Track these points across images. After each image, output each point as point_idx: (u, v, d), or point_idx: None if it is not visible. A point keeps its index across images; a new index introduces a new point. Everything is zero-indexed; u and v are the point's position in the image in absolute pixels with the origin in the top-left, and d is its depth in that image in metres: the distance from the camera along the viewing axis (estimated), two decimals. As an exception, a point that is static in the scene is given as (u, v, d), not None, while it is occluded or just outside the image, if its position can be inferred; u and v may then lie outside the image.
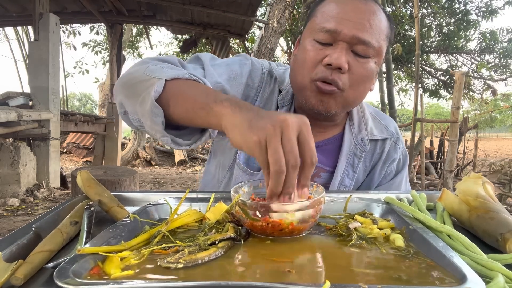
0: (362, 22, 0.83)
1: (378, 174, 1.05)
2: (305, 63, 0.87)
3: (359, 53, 0.84)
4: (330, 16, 0.85)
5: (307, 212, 0.60)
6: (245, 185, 0.72)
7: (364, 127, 1.03)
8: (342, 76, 0.84)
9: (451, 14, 9.37)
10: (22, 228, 0.61)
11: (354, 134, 1.02)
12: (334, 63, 0.82)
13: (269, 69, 1.02)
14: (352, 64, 0.84)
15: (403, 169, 1.09)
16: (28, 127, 4.73)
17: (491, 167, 4.70)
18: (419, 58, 4.76)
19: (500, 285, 0.43)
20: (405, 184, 1.10)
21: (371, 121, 1.06)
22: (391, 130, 1.07)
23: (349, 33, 0.82)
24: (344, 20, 0.83)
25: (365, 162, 1.04)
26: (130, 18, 7.52)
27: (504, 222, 0.60)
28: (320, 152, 1.02)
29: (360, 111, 1.05)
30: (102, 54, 11.56)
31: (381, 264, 0.51)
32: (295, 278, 0.47)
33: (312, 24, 0.89)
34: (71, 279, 0.42)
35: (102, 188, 0.78)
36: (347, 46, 0.84)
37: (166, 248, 0.54)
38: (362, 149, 1.02)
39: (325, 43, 0.85)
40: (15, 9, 6.74)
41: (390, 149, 1.06)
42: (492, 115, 26.59)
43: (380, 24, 0.86)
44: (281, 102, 1.00)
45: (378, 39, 0.85)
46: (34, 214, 3.92)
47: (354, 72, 0.85)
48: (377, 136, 1.04)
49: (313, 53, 0.86)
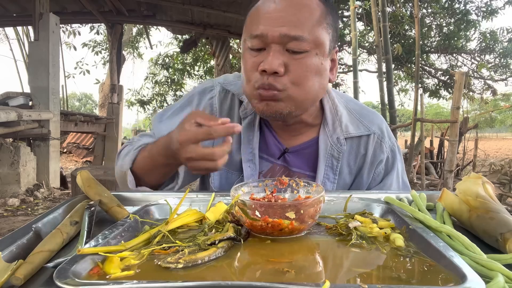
0: (287, 18, 0.80)
1: (366, 177, 1.01)
2: (246, 73, 0.87)
3: (294, 49, 0.81)
4: (256, 20, 0.83)
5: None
6: (245, 185, 0.72)
7: (338, 125, 0.98)
8: (280, 79, 0.82)
9: (451, 14, 9.38)
10: (22, 228, 0.61)
11: (329, 134, 0.98)
12: (268, 68, 0.80)
13: (221, 87, 1.02)
14: (289, 63, 0.81)
15: (393, 167, 1.03)
16: (28, 127, 4.73)
17: (491, 167, 4.70)
18: (419, 58, 4.76)
19: (500, 285, 0.43)
20: (397, 182, 1.04)
21: (346, 116, 1.00)
22: (372, 127, 1.01)
23: (275, 33, 0.80)
24: (268, 21, 0.81)
25: (349, 164, 1.00)
26: (130, 18, 7.52)
27: (504, 222, 0.60)
28: (299, 157, 1.00)
29: (333, 108, 1.00)
30: (102, 54, 11.56)
31: (381, 264, 0.51)
32: (295, 278, 0.47)
33: (244, 32, 0.88)
34: (71, 279, 0.42)
35: (102, 188, 0.78)
36: (280, 47, 0.81)
37: (166, 248, 0.54)
38: (339, 150, 0.98)
39: (259, 48, 0.83)
40: (15, 9, 6.74)
41: (376, 149, 1.00)
42: (492, 115, 26.61)
43: (310, 14, 0.82)
44: (243, 113, 0.99)
45: (312, 30, 0.81)
46: (34, 214, 3.93)
47: (292, 71, 0.82)
48: (353, 133, 0.99)
49: (250, 62, 0.85)
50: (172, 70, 11.80)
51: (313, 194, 0.68)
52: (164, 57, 11.90)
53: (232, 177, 1.02)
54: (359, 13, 7.83)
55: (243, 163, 0.98)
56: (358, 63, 5.33)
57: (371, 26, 7.10)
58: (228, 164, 0.97)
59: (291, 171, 1.00)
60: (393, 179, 1.03)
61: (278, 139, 1.00)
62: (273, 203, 0.63)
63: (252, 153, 0.98)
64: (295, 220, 0.59)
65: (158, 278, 0.46)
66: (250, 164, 0.98)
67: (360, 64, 9.86)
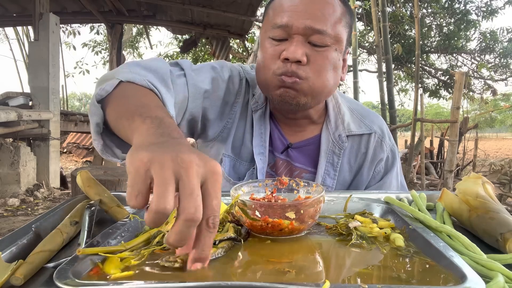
0: (313, 12, 0.83)
1: (366, 175, 1.03)
2: (265, 62, 0.88)
3: (316, 43, 0.84)
4: (280, 11, 0.85)
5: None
6: (245, 185, 0.72)
7: (340, 123, 1.00)
8: (303, 68, 0.84)
9: (451, 14, 9.37)
10: (22, 228, 0.61)
11: (331, 131, 1.00)
12: (291, 56, 0.82)
13: (244, 74, 1.01)
14: (311, 54, 0.84)
15: (392, 167, 1.05)
16: (28, 127, 4.73)
17: (491, 167, 4.70)
18: (419, 58, 4.76)
19: (500, 285, 0.44)
20: (396, 182, 1.06)
21: (349, 115, 1.03)
22: (373, 127, 1.03)
23: (301, 25, 0.82)
24: (294, 13, 0.83)
25: (350, 162, 1.02)
26: (130, 18, 7.51)
27: (504, 222, 0.60)
28: (301, 153, 1.02)
29: (336, 106, 1.02)
30: (102, 54, 11.55)
31: (381, 263, 0.51)
32: (295, 278, 0.47)
33: (266, 23, 0.90)
34: (71, 279, 0.42)
35: (102, 188, 0.78)
36: (303, 39, 0.84)
37: (166, 248, 0.54)
38: (340, 147, 0.99)
39: (281, 38, 0.85)
40: (15, 9, 6.73)
41: (376, 147, 1.02)
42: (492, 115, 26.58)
43: (333, 11, 0.85)
44: (254, 106, 0.99)
45: (334, 26, 0.85)
46: (34, 214, 3.92)
47: (314, 61, 0.85)
48: (355, 131, 1.01)
49: (271, 50, 0.86)
50: (172, 70, 11.78)
51: (313, 194, 0.68)
52: (164, 57, 11.90)
53: (241, 167, 1.01)
54: (359, 13, 7.83)
55: (255, 156, 0.98)
56: (358, 63, 5.33)
57: (371, 26, 7.10)
58: (238, 154, 1.00)
59: (293, 166, 1.01)
60: (392, 178, 1.05)
61: (282, 133, 1.02)
62: (273, 203, 0.63)
63: (264, 146, 0.99)
64: (295, 220, 0.59)
65: (158, 279, 0.46)
66: (262, 156, 0.99)
67: (360, 64, 9.87)
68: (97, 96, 0.69)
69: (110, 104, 0.69)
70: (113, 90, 0.71)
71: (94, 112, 0.69)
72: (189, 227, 0.40)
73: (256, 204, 0.61)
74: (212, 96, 0.94)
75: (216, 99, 0.95)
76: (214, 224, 0.43)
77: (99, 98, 0.70)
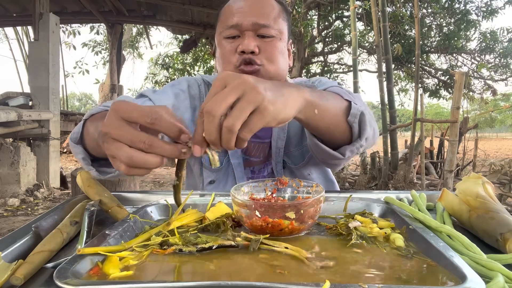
0: (257, 11, 0.98)
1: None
2: (225, 57, 1.00)
3: (264, 35, 0.98)
4: (230, 14, 1.00)
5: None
6: (245, 185, 0.72)
7: None
8: (257, 56, 0.97)
9: (451, 14, 9.36)
10: (22, 228, 0.61)
11: None
12: (246, 48, 0.95)
13: (202, 79, 1.13)
14: (261, 45, 0.98)
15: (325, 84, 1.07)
16: (28, 127, 4.73)
17: (491, 167, 4.70)
18: (419, 58, 4.76)
19: (500, 285, 0.43)
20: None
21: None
22: (315, 82, 1.11)
23: (249, 22, 0.97)
24: (242, 13, 0.98)
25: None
26: (130, 18, 7.52)
27: (504, 222, 0.60)
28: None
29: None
30: (102, 54, 11.56)
31: (381, 264, 0.51)
32: (295, 278, 0.47)
33: (220, 26, 1.03)
34: (71, 279, 0.42)
35: (102, 188, 0.78)
36: (252, 33, 0.97)
37: (166, 248, 0.54)
38: None
39: (234, 36, 0.99)
40: (15, 9, 6.74)
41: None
42: (492, 115, 26.59)
43: (273, 9, 1.01)
44: None
45: (275, 20, 1.00)
46: (34, 214, 3.92)
47: (265, 50, 0.98)
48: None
49: (228, 47, 0.99)
50: (172, 70, 11.79)
51: (313, 194, 0.68)
52: (164, 57, 11.90)
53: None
54: (359, 13, 7.82)
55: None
56: (358, 63, 5.33)
57: (371, 26, 7.10)
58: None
59: (251, 140, 1.08)
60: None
61: None
62: (273, 203, 0.63)
63: None
64: (295, 220, 0.59)
65: (157, 279, 0.46)
66: None
67: (360, 64, 9.86)
68: (72, 139, 0.78)
69: (85, 138, 0.77)
70: (82, 129, 0.78)
71: (76, 151, 0.78)
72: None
73: (256, 204, 0.61)
74: (180, 107, 1.04)
75: (185, 109, 1.05)
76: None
77: (75, 141, 0.78)
